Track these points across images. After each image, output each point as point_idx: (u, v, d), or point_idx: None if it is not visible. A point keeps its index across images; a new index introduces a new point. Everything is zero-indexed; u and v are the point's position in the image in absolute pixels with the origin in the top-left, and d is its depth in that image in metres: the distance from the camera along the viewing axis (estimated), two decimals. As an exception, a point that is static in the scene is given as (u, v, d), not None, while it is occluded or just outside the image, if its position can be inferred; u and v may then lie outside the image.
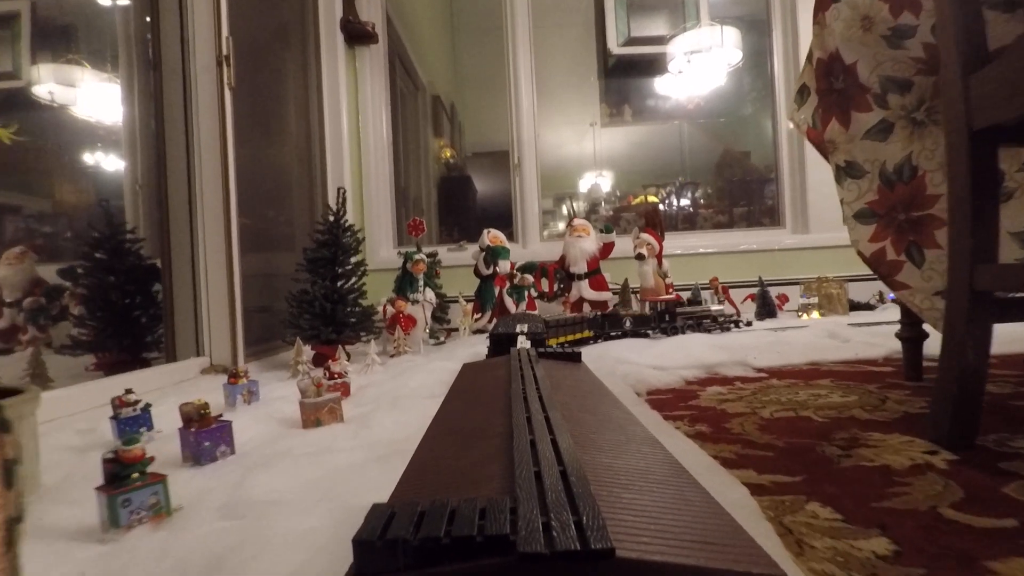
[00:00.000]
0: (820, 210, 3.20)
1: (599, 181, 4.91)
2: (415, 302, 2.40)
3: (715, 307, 2.43)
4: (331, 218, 2.12)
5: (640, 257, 2.59)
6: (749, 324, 2.50)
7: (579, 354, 1.00)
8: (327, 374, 1.41)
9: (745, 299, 2.95)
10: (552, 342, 2.09)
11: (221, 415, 0.97)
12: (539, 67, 3.39)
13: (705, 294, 2.90)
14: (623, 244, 2.86)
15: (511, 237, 3.18)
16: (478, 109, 5.23)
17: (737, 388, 1.40)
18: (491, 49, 3.61)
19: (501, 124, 3.41)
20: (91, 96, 2.15)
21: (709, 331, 2.34)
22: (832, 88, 1.34)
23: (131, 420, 1.11)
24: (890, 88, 1.25)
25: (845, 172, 1.35)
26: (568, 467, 0.32)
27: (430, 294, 2.37)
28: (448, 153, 5.27)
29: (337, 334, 2.03)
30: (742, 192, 4.51)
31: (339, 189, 2.17)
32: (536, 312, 2.60)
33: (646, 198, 4.74)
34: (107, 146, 2.25)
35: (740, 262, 3.23)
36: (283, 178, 2.81)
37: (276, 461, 0.88)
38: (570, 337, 2.17)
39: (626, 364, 1.62)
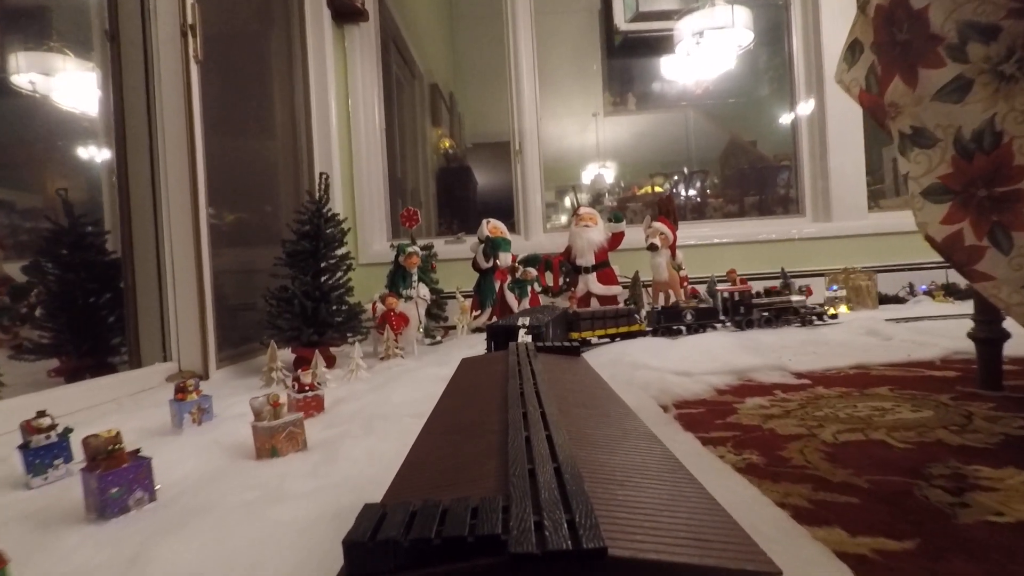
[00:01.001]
0: (843, 197, 2.96)
1: (602, 172, 4.67)
2: (408, 299, 2.18)
3: (795, 297, 2.18)
4: (312, 206, 1.89)
5: (653, 248, 2.36)
6: (834, 317, 2.21)
7: (578, 348, 0.89)
8: (296, 386, 1.19)
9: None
10: (587, 335, 1.90)
11: (139, 450, 0.75)
12: (540, 57, 3.16)
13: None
14: (633, 234, 2.63)
15: (512, 228, 2.95)
16: (478, 99, 4.99)
17: (780, 399, 1.17)
18: (491, 37, 3.37)
19: (501, 115, 3.18)
20: (69, 83, 1.92)
21: (789, 325, 2.11)
22: (894, 40, 1.10)
23: (44, 450, 0.89)
24: (971, 36, 1.02)
25: (911, 141, 1.12)
26: (562, 464, 0.32)
27: (424, 290, 2.15)
28: (447, 143, 5.04)
29: (319, 336, 1.81)
30: (753, 181, 4.28)
31: (321, 174, 1.95)
32: (555, 305, 2.37)
33: (653, 188, 4.51)
34: (88, 136, 2.03)
35: (756, 253, 2.99)
36: (266, 166, 2.59)
37: (201, 514, 0.66)
38: (609, 331, 1.97)
39: (644, 370, 1.39)
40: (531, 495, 0.28)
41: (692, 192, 4.42)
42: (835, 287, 2.49)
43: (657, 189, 4.42)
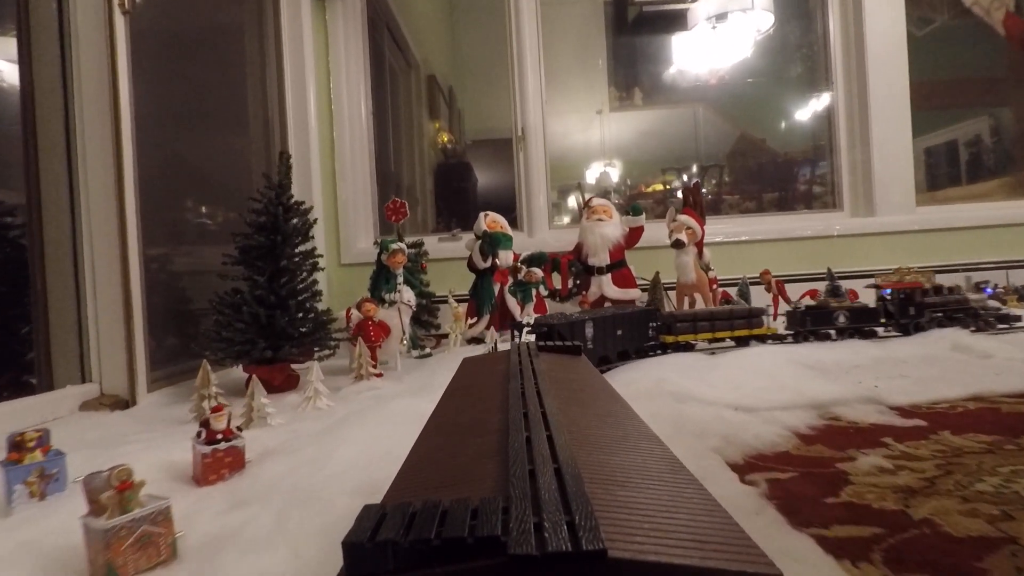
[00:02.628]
0: (888, 189, 2.58)
1: (608, 170, 4.30)
2: (390, 304, 1.80)
3: (974, 296, 1.83)
4: (270, 193, 1.52)
5: (678, 245, 1.99)
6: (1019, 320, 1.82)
7: (579, 347, 0.82)
8: (203, 434, 0.82)
9: (804, 296, 2.33)
10: (687, 338, 1.63)
11: None
12: (544, 50, 2.79)
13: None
14: (652, 231, 2.25)
15: (514, 224, 2.58)
16: (479, 94, 4.64)
17: (902, 454, 0.80)
18: (492, 30, 3.01)
19: (503, 111, 2.82)
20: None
21: (966, 328, 1.74)
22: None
23: None
24: None
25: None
26: (563, 465, 0.31)
27: (408, 294, 1.78)
28: (445, 138, 4.69)
29: (275, 350, 1.44)
30: (771, 176, 3.91)
31: (281, 154, 1.58)
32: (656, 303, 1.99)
33: (666, 185, 4.13)
34: None
35: (787, 252, 2.61)
36: (231, 156, 2.23)
37: None
38: (722, 334, 1.65)
39: (693, 403, 1.02)
40: (531, 496, 0.27)
41: (704, 190, 4.06)
42: (990, 287, 2.13)
43: (665, 188, 4.04)
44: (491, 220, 2.11)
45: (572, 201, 3.34)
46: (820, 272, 2.52)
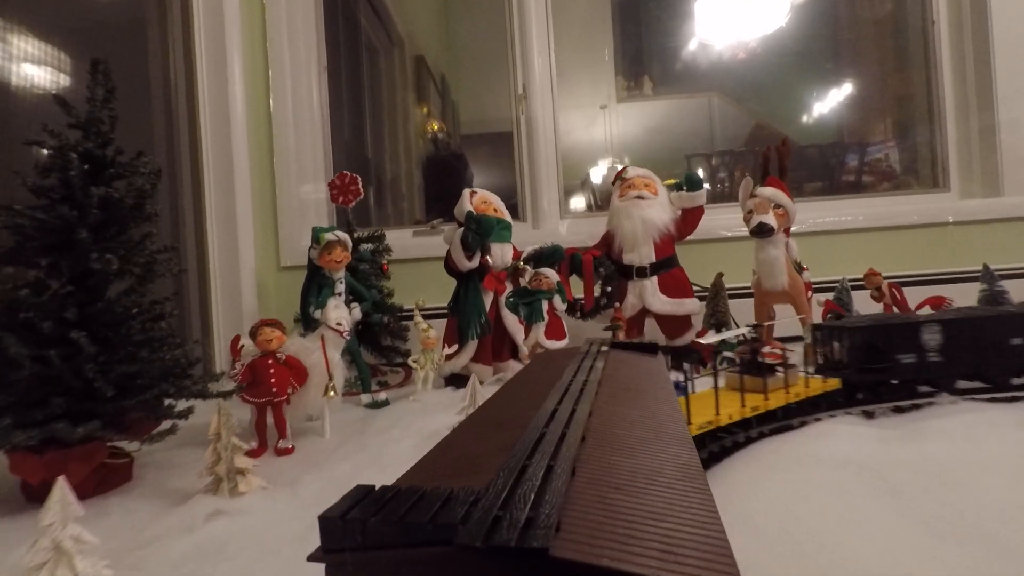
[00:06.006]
0: (1020, 161, 1.86)
1: (616, 165, 3.58)
2: (314, 325, 1.08)
3: None
4: (62, 138, 0.81)
5: (763, 231, 1.27)
6: None
7: (656, 345, 0.72)
8: None
9: (922, 304, 1.60)
10: None
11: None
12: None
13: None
14: (720, 215, 1.53)
15: (514, 214, 1.84)
16: (476, 84, 3.95)
17: None
18: (491, 15, 2.32)
19: (503, 104, 2.11)
20: None
21: None
22: None
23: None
24: None
25: None
26: (559, 462, 0.29)
27: (340, 312, 1.04)
28: (436, 126, 3.97)
29: (75, 423, 0.72)
30: (813, 164, 3.21)
31: (95, 62, 0.86)
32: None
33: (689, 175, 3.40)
34: None
35: (873, 244, 1.89)
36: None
37: None
38: None
39: None
40: (508, 490, 0.26)
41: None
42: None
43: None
44: (480, 199, 1.39)
45: (595, 176, 2.59)
46: (922, 272, 1.80)
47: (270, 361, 0.96)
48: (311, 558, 0.26)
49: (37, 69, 1.48)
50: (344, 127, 2.92)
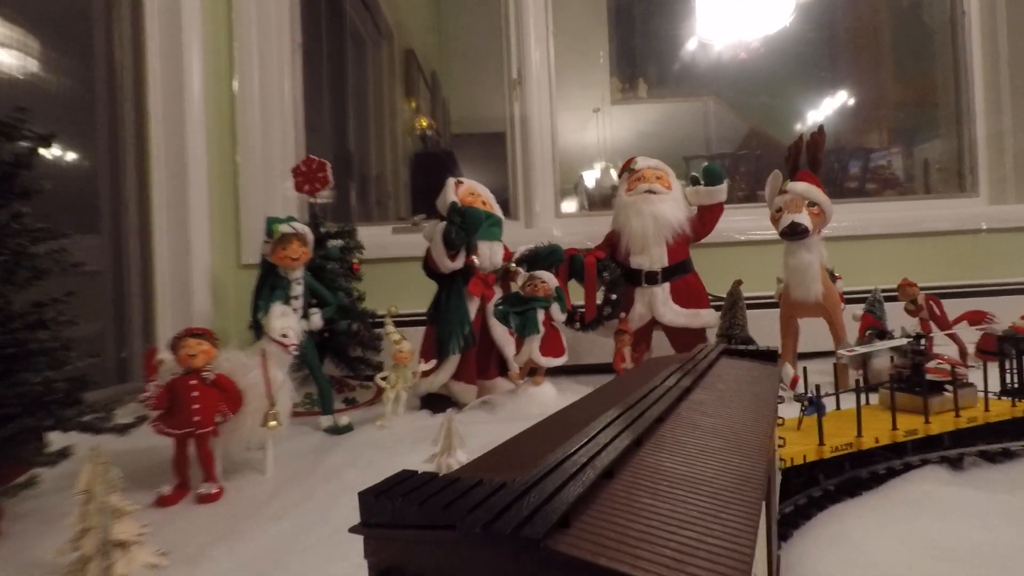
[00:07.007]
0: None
1: (611, 170, 3.40)
2: (263, 331, 0.87)
3: None
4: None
5: (795, 232, 1.08)
6: None
7: (775, 353, 0.63)
8: None
9: (959, 319, 1.41)
10: None
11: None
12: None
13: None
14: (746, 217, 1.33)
15: (506, 212, 1.64)
16: (468, 83, 3.76)
17: None
18: (483, 10, 2.13)
19: (495, 103, 1.91)
20: None
21: None
22: None
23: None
24: None
25: None
26: (595, 461, 0.29)
27: (288, 320, 0.83)
28: (424, 122, 3.78)
29: None
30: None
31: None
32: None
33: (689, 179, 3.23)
34: None
35: (895, 251, 1.71)
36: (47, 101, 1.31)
37: None
38: None
39: None
40: (532, 484, 0.26)
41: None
42: None
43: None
44: (467, 190, 1.19)
45: (588, 180, 2.40)
46: (951, 283, 1.62)
47: (193, 382, 0.75)
48: (352, 529, 0.27)
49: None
50: (324, 117, 2.71)
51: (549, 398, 1.06)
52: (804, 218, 1.07)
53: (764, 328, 1.28)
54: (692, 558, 0.22)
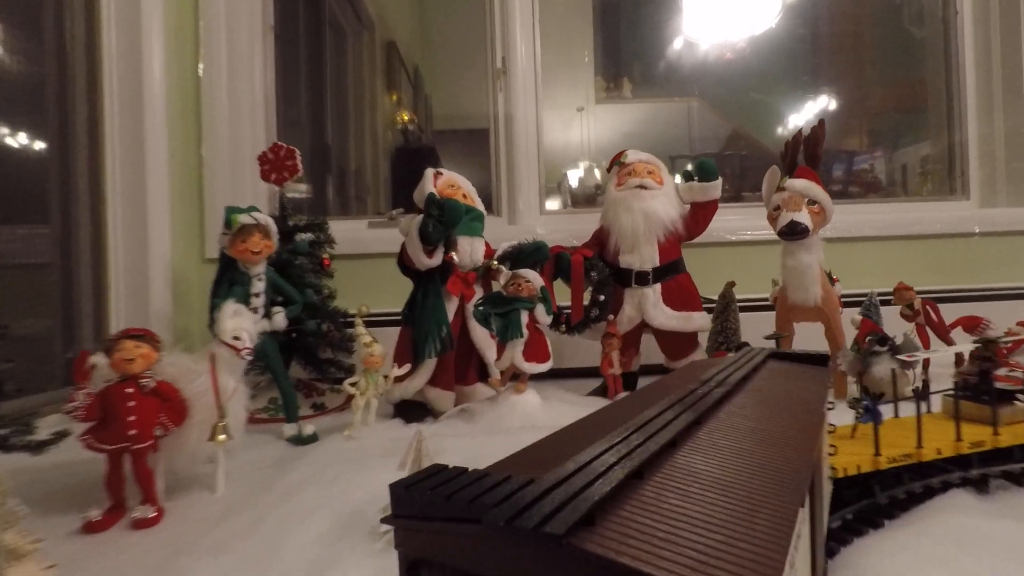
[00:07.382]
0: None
1: (595, 170, 3.34)
2: (220, 329, 0.78)
3: None
4: None
5: (794, 232, 1.02)
6: None
7: (825, 357, 0.60)
8: None
9: (954, 325, 1.37)
10: None
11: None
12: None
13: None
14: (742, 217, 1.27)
15: (488, 207, 1.55)
16: (449, 75, 3.66)
17: None
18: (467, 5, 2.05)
19: (478, 100, 1.83)
20: None
21: None
22: None
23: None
24: None
25: None
26: (625, 461, 0.28)
27: (236, 323, 0.74)
28: (406, 116, 3.67)
29: None
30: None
31: None
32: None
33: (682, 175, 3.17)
34: None
35: (886, 253, 1.67)
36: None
37: None
38: None
39: None
40: (560, 480, 0.26)
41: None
42: None
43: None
44: (447, 182, 1.10)
45: (572, 179, 2.33)
46: (943, 288, 1.58)
47: (130, 390, 0.66)
48: (383, 520, 0.28)
49: None
50: (300, 108, 2.60)
51: (532, 407, 0.98)
52: (804, 217, 1.01)
53: (758, 332, 1.21)
54: (717, 561, 0.22)
